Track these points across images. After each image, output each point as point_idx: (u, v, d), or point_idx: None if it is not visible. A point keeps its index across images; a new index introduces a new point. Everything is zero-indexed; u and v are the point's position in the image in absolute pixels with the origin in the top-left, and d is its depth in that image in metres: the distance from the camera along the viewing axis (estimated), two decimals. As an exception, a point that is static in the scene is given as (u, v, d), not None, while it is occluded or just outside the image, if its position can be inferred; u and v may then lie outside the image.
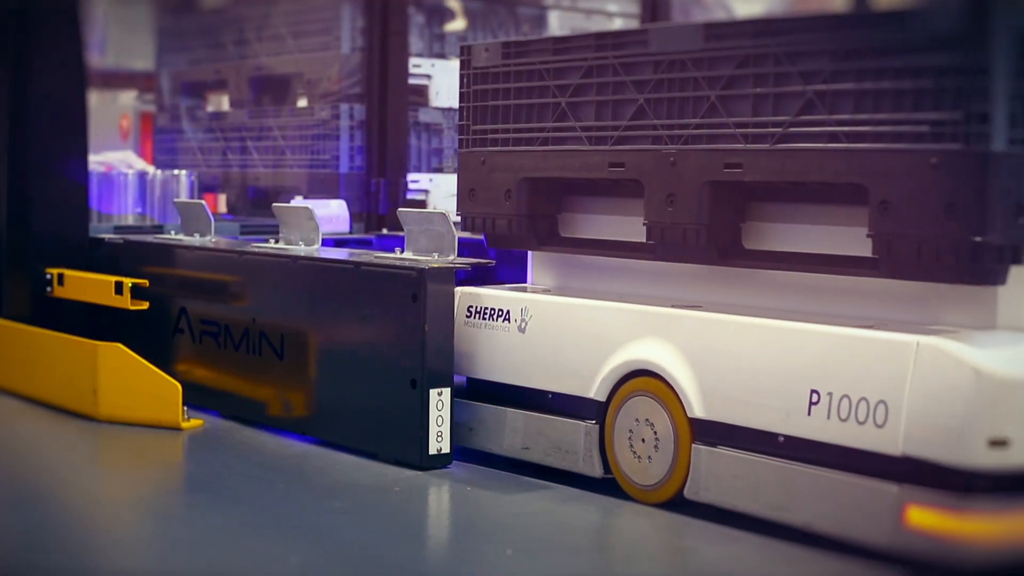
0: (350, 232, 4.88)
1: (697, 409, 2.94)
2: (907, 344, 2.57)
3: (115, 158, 5.41)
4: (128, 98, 6.90)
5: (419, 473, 3.33)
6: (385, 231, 5.00)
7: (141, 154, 5.97)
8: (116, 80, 6.80)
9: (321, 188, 5.14)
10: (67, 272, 4.32)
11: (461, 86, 3.61)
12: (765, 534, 2.79)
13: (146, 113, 6.42)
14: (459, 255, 3.52)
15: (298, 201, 4.95)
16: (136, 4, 6.75)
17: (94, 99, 4.99)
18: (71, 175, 4.47)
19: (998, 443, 2.45)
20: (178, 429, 3.81)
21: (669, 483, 3.02)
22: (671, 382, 3.00)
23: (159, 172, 5.20)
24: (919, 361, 2.54)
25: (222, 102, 5.90)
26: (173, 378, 3.86)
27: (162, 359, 4.04)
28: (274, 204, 4.08)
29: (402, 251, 3.64)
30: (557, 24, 5.87)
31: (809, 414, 2.71)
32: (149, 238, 4.45)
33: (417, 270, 3.36)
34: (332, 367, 3.63)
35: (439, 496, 3.21)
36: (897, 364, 2.57)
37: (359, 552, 2.75)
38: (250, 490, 3.22)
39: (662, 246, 3.14)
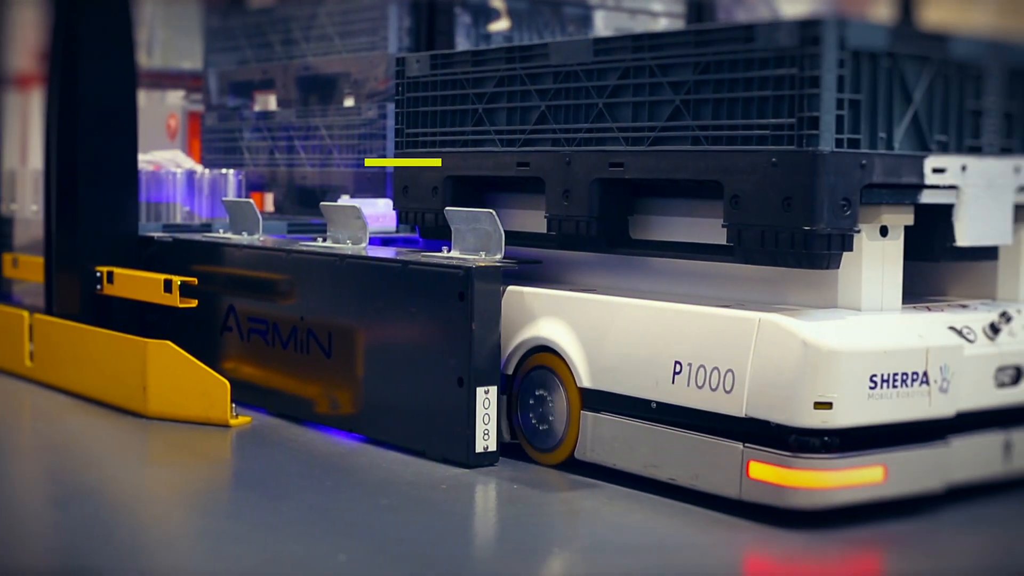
0: (397, 231, 4.89)
1: (585, 380, 3.31)
2: (750, 320, 2.96)
3: (164, 157, 5.44)
4: (176, 98, 6.93)
5: (466, 471, 3.34)
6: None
7: (189, 153, 5.99)
8: (164, 80, 6.83)
9: (368, 187, 5.15)
10: (116, 270, 4.35)
11: (396, 94, 4.01)
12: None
13: (193, 113, 6.45)
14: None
15: (345, 200, 4.97)
16: (184, 4, 6.78)
17: (142, 99, 5.00)
18: (121, 174, 4.50)
19: (822, 405, 2.84)
20: (226, 426, 3.84)
21: (563, 446, 3.40)
22: (564, 356, 3.36)
23: (207, 171, 5.23)
24: (760, 335, 2.93)
25: (269, 101, 5.92)
26: (221, 375, 3.88)
27: (210, 357, 4.07)
28: (322, 203, 4.10)
29: (449, 250, 3.65)
30: (602, 24, 5.86)
31: (673, 382, 3.11)
32: (198, 236, 4.48)
33: (464, 269, 3.37)
34: (379, 365, 3.65)
35: (486, 494, 3.22)
36: (742, 338, 2.96)
37: (406, 549, 2.76)
38: (298, 487, 3.24)
39: (560, 236, 3.54)
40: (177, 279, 4.04)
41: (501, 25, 5.50)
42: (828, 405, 2.84)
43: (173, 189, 5.07)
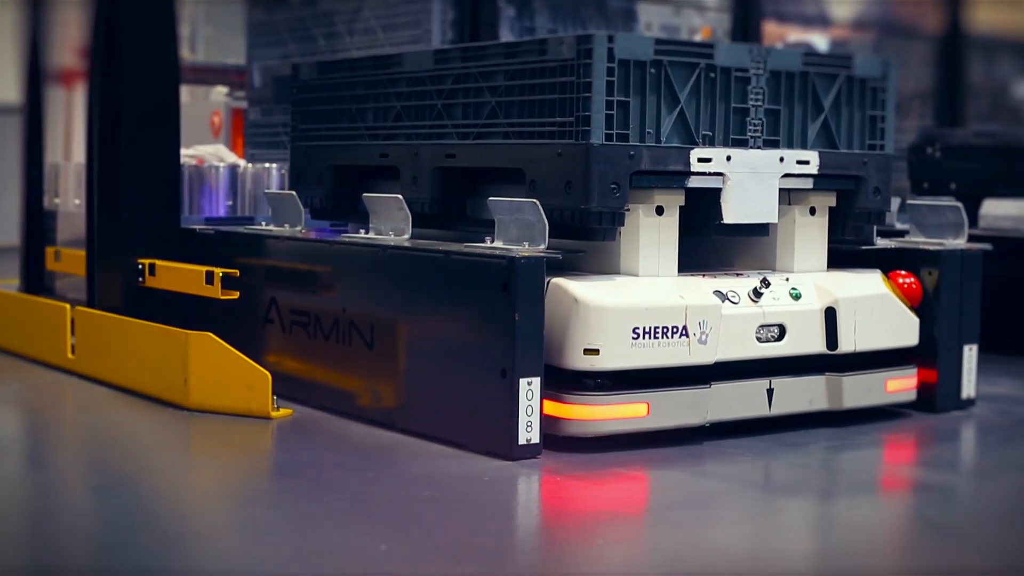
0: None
1: None
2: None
3: (206, 151, 5.45)
4: (219, 95, 6.94)
5: (508, 463, 3.31)
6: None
7: (232, 150, 5.99)
8: (207, 75, 6.83)
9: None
10: (158, 262, 4.35)
11: (291, 94, 4.59)
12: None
13: (237, 109, 6.44)
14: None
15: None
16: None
17: (186, 94, 5.00)
18: (163, 167, 4.50)
19: (591, 352, 3.40)
20: (268, 418, 3.82)
21: None
22: None
23: (250, 165, 5.22)
24: (549, 294, 3.43)
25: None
26: (263, 368, 3.87)
27: (252, 349, 4.05)
28: (365, 194, 4.07)
29: (492, 240, 3.62)
30: (646, 18, 5.82)
31: None
32: (240, 229, 4.47)
33: (508, 259, 3.34)
34: (422, 357, 3.62)
35: (528, 486, 3.19)
36: None
37: (448, 540, 2.74)
38: (340, 478, 3.22)
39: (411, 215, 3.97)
40: (219, 271, 4.03)
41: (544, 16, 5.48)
42: (595, 351, 3.40)
43: (216, 183, 5.07)
